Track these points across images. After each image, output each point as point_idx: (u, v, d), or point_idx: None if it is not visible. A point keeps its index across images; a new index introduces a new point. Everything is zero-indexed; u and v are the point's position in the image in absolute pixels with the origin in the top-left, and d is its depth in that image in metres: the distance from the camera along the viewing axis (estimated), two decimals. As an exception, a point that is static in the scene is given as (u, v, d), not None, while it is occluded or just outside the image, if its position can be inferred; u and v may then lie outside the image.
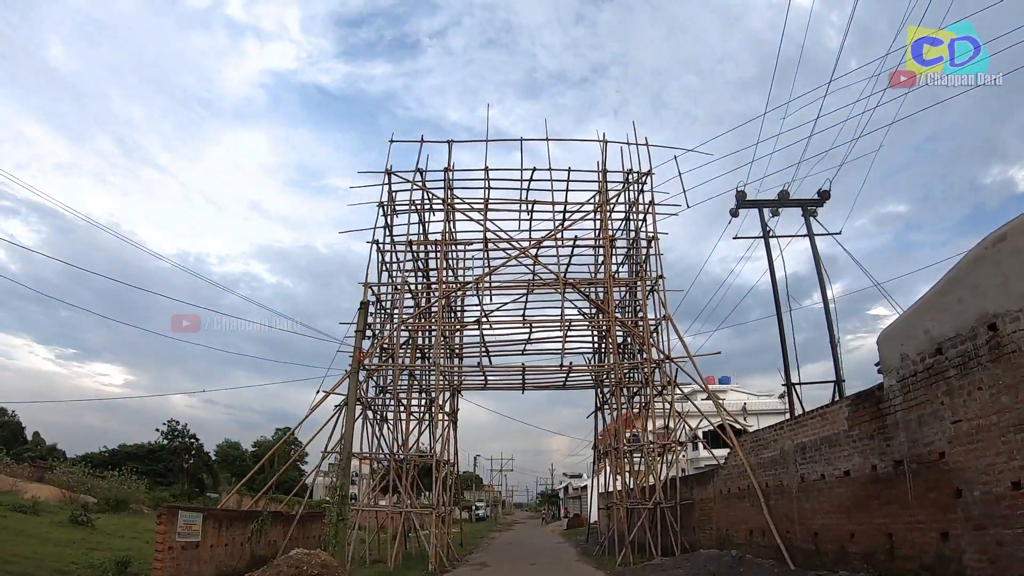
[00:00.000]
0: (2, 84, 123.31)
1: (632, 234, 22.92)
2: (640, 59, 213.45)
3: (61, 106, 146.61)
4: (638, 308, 22.40)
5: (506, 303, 23.52)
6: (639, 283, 21.89)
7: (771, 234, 18.09)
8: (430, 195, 22.68)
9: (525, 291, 22.01)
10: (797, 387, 16.73)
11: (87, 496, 28.58)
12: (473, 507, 68.58)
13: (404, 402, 21.65)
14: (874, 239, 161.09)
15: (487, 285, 22.31)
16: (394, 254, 22.41)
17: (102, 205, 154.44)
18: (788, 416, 17.31)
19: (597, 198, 22.42)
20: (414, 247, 22.54)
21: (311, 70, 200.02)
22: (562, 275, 21.10)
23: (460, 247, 23.89)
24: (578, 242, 22.70)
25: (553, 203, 22.12)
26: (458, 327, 24.87)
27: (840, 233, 17.88)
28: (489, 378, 25.30)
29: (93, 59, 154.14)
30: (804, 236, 17.87)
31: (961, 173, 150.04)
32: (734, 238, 19.09)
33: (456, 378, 26.18)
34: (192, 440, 59.08)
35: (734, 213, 18.95)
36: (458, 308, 25.75)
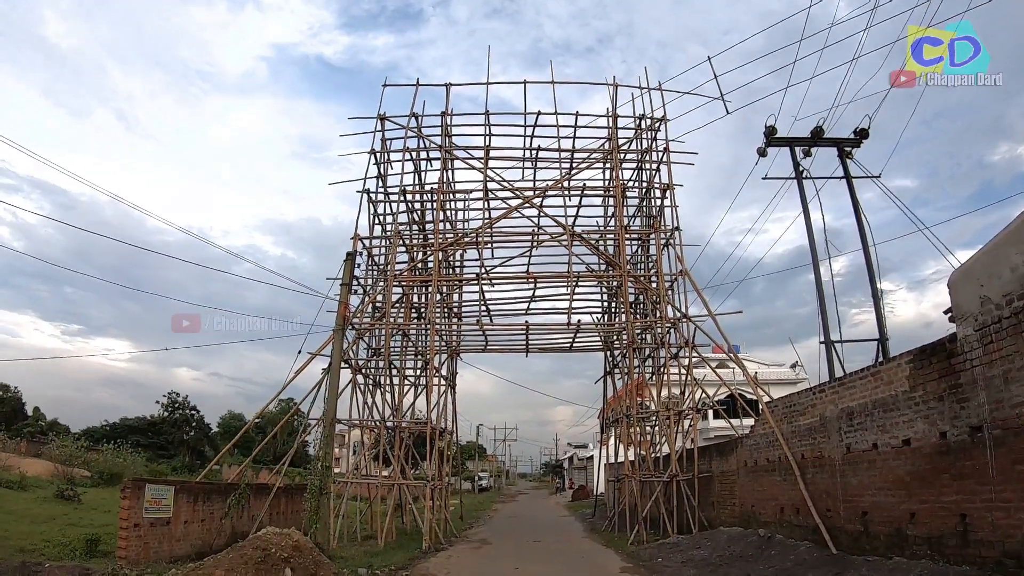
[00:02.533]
0: (2, 61, 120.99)
1: (645, 185, 21.09)
2: (646, 30, 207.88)
3: (60, 83, 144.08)
4: (651, 264, 20.67)
5: (511, 257, 21.73)
6: (653, 235, 20.10)
7: (804, 175, 16.22)
8: (426, 142, 20.84)
9: (529, 244, 20.27)
10: (836, 346, 14.94)
11: (81, 470, 27.87)
12: (476, 478, 68.42)
13: (397, 365, 20.11)
14: (880, 213, 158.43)
15: (488, 237, 20.56)
16: (388, 204, 20.72)
17: (105, 182, 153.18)
18: (813, 380, 15.67)
19: (607, 145, 20.59)
20: (408, 196, 20.78)
21: (313, 42, 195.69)
22: (569, 226, 19.33)
23: (459, 196, 22.15)
24: (587, 191, 20.84)
25: (560, 150, 20.23)
26: (456, 282, 23.22)
27: (880, 176, 16.05)
28: (490, 339, 23.58)
29: (91, 34, 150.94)
30: (841, 178, 16.06)
31: (968, 150, 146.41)
32: (763, 178, 17.24)
33: (454, 339, 24.63)
34: (192, 412, 58.75)
35: (762, 152, 17.03)
36: (456, 264, 24.03)
